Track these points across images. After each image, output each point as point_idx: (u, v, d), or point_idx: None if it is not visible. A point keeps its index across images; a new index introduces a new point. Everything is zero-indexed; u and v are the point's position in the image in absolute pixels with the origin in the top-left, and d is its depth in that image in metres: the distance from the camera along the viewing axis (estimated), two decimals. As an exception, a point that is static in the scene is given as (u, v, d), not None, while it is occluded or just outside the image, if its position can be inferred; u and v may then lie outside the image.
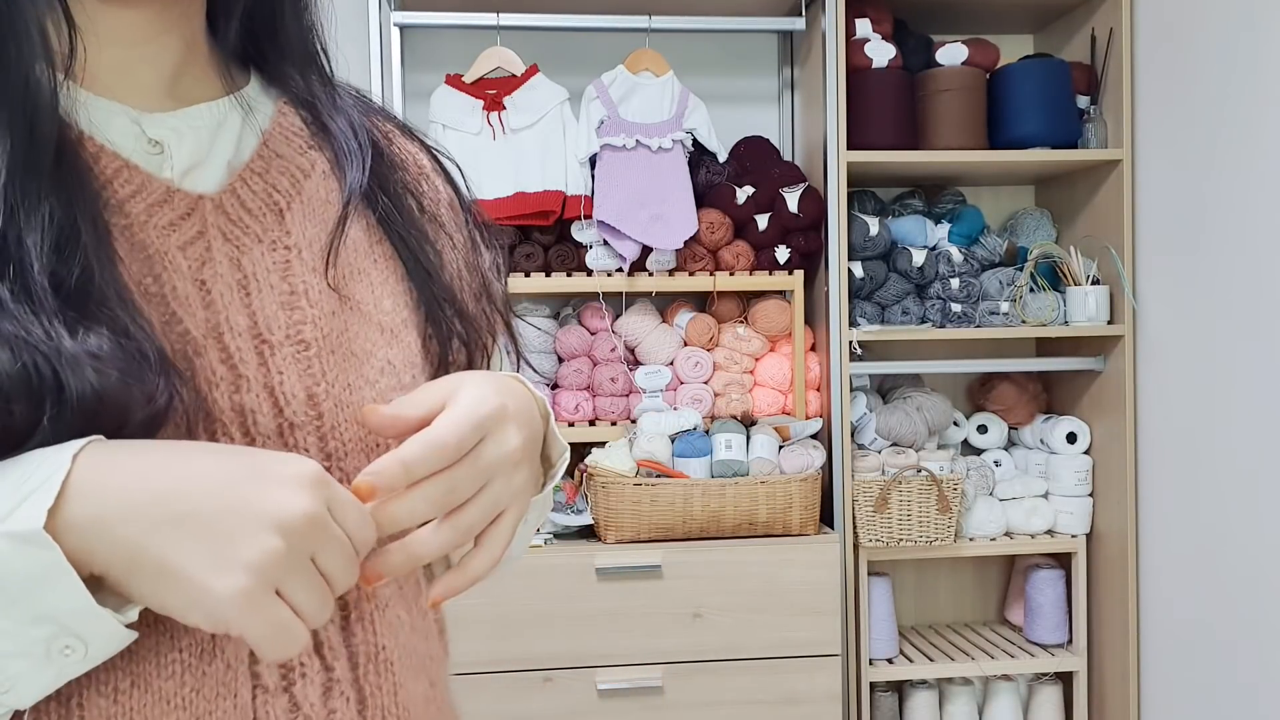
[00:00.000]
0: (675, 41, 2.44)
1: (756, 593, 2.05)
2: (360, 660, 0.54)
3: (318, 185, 0.60)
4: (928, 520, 2.23)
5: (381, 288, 0.60)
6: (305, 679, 0.52)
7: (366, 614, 0.55)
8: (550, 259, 2.23)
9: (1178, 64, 2.12)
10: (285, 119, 0.62)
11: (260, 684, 0.51)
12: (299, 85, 0.62)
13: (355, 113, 0.64)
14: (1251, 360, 1.93)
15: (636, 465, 2.09)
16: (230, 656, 0.51)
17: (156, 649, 0.49)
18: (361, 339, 0.57)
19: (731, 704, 2.04)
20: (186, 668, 0.50)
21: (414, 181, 0.67)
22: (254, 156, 0.59)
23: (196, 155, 0.56)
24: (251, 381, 0.53)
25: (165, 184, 0.54)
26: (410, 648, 0.58)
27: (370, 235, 0.62)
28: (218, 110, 0.59)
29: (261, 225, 0.57)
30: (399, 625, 0.57)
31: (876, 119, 2.23)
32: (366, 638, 0.55)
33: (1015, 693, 2.37)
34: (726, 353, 2.27)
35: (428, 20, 2.23)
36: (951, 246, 2.34)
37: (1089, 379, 2.39)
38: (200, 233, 0.54)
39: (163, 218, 0.54)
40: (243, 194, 0.57)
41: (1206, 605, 2.06)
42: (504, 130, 2.19)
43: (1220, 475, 2.02)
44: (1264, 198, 1.90)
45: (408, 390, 0.59)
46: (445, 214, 0.68)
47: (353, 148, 0.61)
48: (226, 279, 0.54)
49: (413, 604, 0.60)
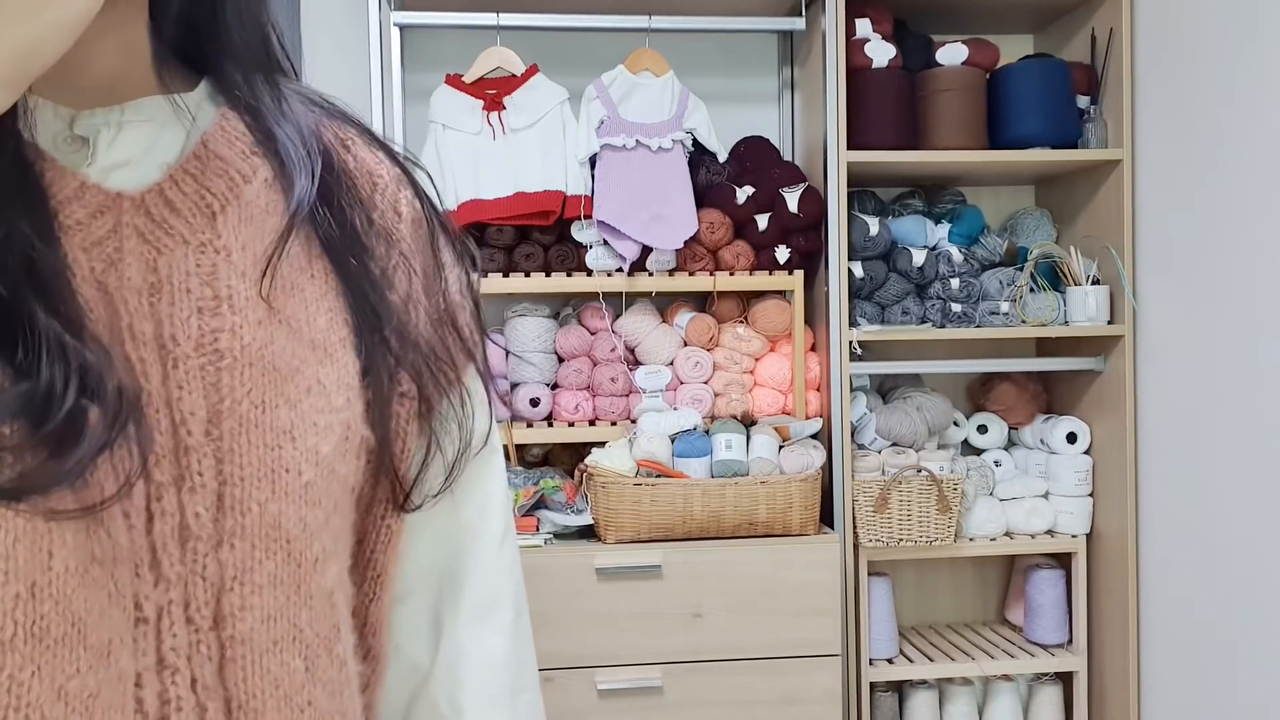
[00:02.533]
0: (675, 41, 2.44)
1: (756, 593, 2.05)
2: (233, 707, 0.51)
3: (258, 192, 0.56)
4: (928, 520, 2.23)
5: (316, 304, 0.56)
6: (181, 713, 0.50)
7: (238, 658, 0.51)
8: (550, 259, 2.23)
9: (1178, 64, 2.12)
10: (229, 123, 0.57)
11: (141, 709, 0.49)
12: (242, 87, 0.57)
13: (305, 119, 0.60)
14: (1251, 360, 1.93)
15: (636, 465, 2.09)
16: (123, 667, 0.48)
17: (66, 642, 0.46)
18: (288, 354, 0.53)
19: (731, 704, 2.04)
20: (89, 669, 0.47)
21: (365, 195, 0.61)
22: (189, 157, 0.55)
23: (128, 154, 0.53)
24: (153, 396, 0.49)
25: (80, 179, 0.51)
26: (301, 702, 0.54)
27: (309, 249, 0.57)
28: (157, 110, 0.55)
29: (189, 227, 0.53)
30: (284, 675, 0.53)
31: (876, 119, 2.23)
32: (238, 683, 0.51)
33: (1015, 693, 2.37)
34: (726, 353, 2.28)
35: (428, 20, 2.23)
36: (951, 246, 2.34)
37: (1089, 379, 2.39)
38: (111, 231, 0.51)
39: (72, 215, 0.50)
40: (171, 194, 0.53)
41: (1207, 605, 2.06)
42: (504, 130, 2.19)
43: (1220, 475, 2.02)
44: (1264, 198, 1.90)
45: (338, 412, 0.54)
46: (405, 230, 0.62)
47: (300, 155, 0.57)
48: (134, 283, 0.50)
49: (320, 652, 0.55)
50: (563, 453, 2.36)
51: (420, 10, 2.24)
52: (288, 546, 0.53)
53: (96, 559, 0.47)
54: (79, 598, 0.46)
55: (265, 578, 0.52)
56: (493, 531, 0.67)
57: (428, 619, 0.65)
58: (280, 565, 0.52)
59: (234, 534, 0.51)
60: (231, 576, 0.51)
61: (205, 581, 0.50)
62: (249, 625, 0.51)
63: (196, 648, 0.50)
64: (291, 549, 0.53)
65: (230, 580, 0.51)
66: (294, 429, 0.52)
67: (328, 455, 0.54)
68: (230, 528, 0.51)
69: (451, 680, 0.65)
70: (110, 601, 0.48)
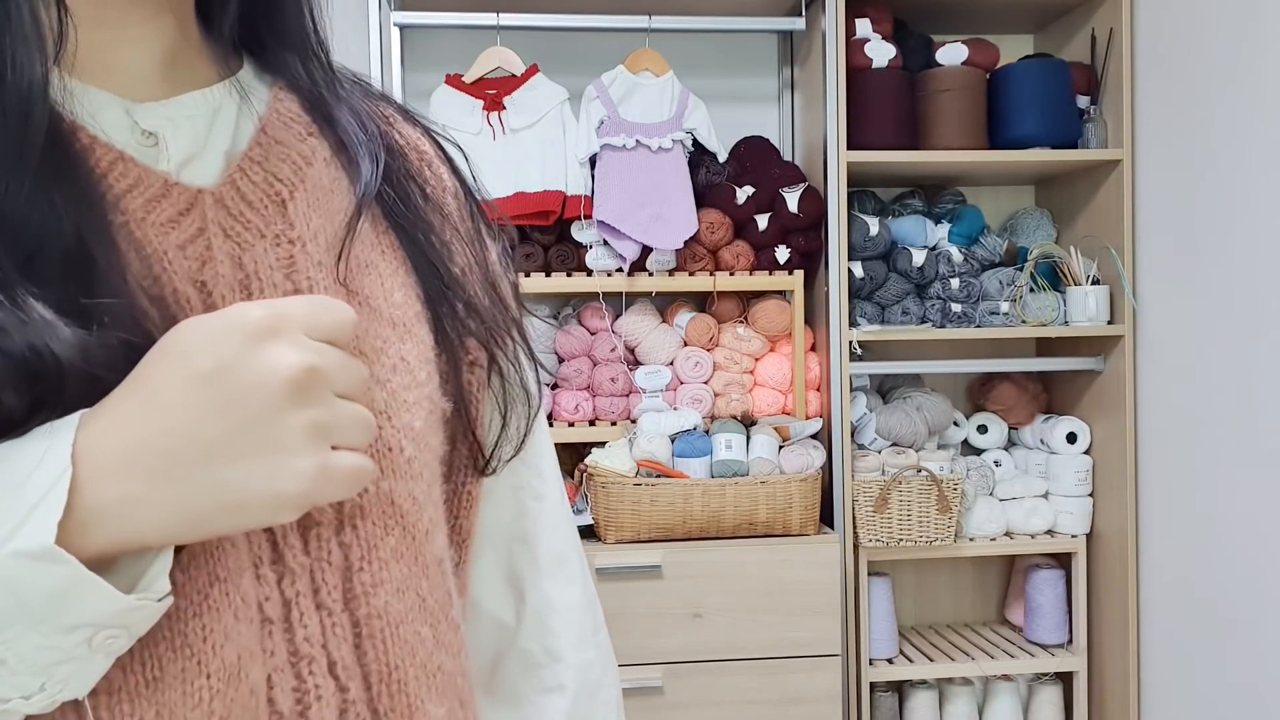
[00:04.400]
0: (675, 41, 2.44)
1: (756, 593, 2.05)
2: (374, 681, 0.52)
3: (320, 173, 0.56)
4: (928, 520, 2.23)
5: (390, 280, 0.57)
6: (321, 701, 0.50)
7: (378, 631, 0.52)
8: (550, 259, 2.23)
9: (1178, 64, 2.12)
10: (282, 105, 0.58)
11: (276, 710, 0.49)
12: (299, 71, 0.59)
13: (360, 100, 0.61)
14: (1252, 360, 1.93)
15: (636, 465, 2.09)
16: (254, 681, 0.48)
17: (184, 676, 0.46)
18: (371, 335, 0.54)
19: (731, 704, 2.04)
20: (215, 694, 0.47)
21: (416, 169, 0.63)
22: (252, 144, 0.55)
23: (193, 146, 0.53)
24: None
25: (163, 177, 0.51)
26: (433, 667, 0.55)
27: (376, 226, 0.58)
28: (212, 98, 0.55)
29: (264, 219, 0.53)
30: (417, 643, 0.54)
31: (876, 119, 2.23)
32: (378, 656, 0.52)
33: (1015, 693, 2.37)
34: (726, 353, 2.27)
35: (428, 20, 2.23)
36: (951, 246, 2.34)
37: (1089, 379, 2.39)
38: (200, 230, 0.51)
39: (161, 214, 0.50)
40: (243, 186, 0.53)
41: (1206, 605, 2.06)
42: (504, 130, 2.19)
43: (1220, 475, 2.02)
44: (1264, 197, 1.90)
45: (422, 387, 0.56)
46: (450, 203, 0.64)
47: (361, 139, 0.58)
48: (228, 280, 0.51)
49: (439, 619, 0.56)
50: (563, 453, 2.35)
51: (420, 10, 2.24)
52: (403, 521, 0.54)
53: (218, 578, 0.48)
54: (194, 628, 0.47)
55: (389, 553, 0.53)
56: (553, 488, 0.70)
57: (502, 576, 0.68)
58: (399, 540, 0.54)
59: (354, 516, 0.52)
60: (359, 556, 0.52)
61: (331, 566, 0.51)
62: (383, 600, 0.53)
63: (331, 631, 0.51)
64: (406, 523, 0.54)
65: (358, 560, 0.52)
66: (389, 408, 0.54)
67: (421, 430, 0.56)
68: (349, 510, 0.52)
69: (542, 630, 0.68)
70: (237, 618, 0.48)
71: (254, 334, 0.42)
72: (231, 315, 0.43)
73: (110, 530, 0.41)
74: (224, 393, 0.42)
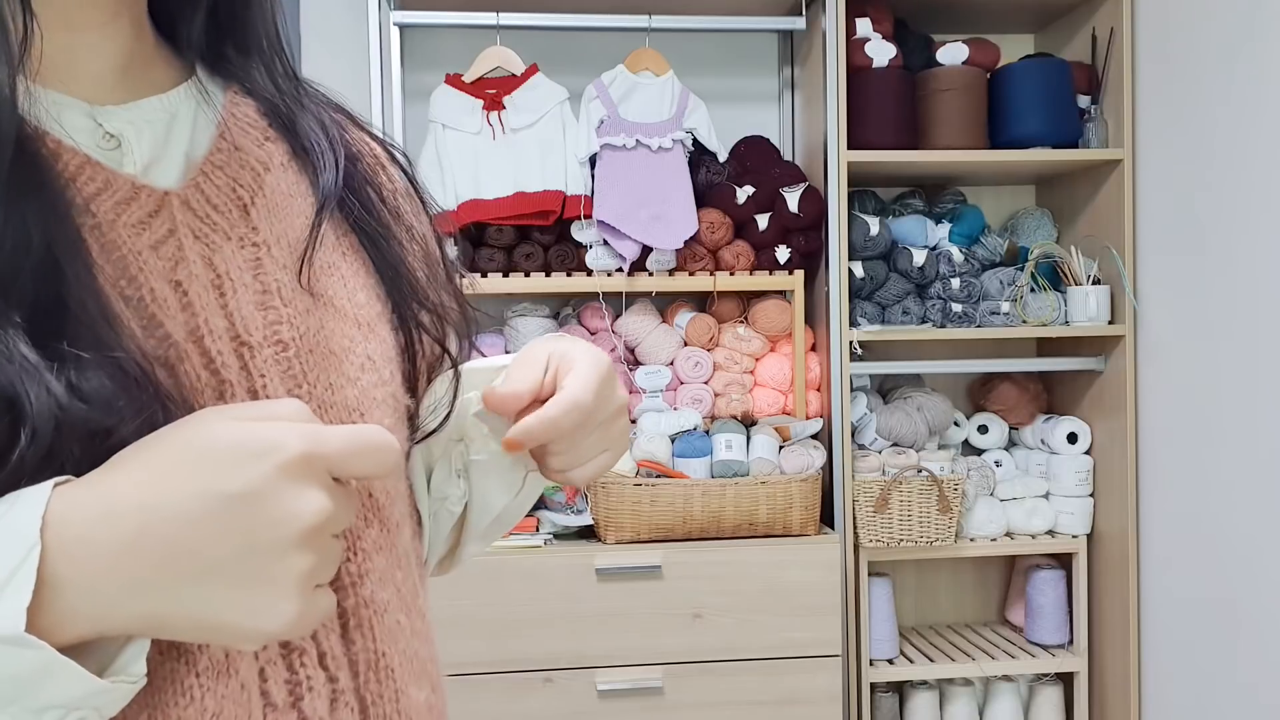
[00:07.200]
0: (675, 41, 2.43)
1: (756, 593, 2.05)
2: (361, 669, 0.53)
3: (278, 178, 0.57)
4: (928, 520, 2.23)
5: (353, 281, 0.58)
6: (312, 692, 0.50)
7: (365, 620, 0.53)
8: (550, 259, 2.22)
9: (1178, 64, 2.11)
10: (238, 109, 0.58)
11: (270, 702, 0.49)
12: (259, 77, 0.59)
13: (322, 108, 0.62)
14: (1252, 360, 1.93)
15: (636, 465, 2.09)
16: (244, 676, 0.48)
17: (173, 675, 0.47)
18: (338, 335, 0.55)
19: (731, 704, 2.04)
20: (206, 690, 0.47)
21: (372, 172, 0.64)
22: (212, 149, 0.55)
23: (155, 149, 0.53)
24: (235, 386, 0.50)
25: (130, 180, 0.51)
26: (411, 653, 0.56)
27: (336, 229, 0.59)
28: (169, 102, 0.55)
29: (228, 221, 0.54)
30: (398, 631, 0.55)
31: (877, 119, 2.23)
32: (366, 645, 0.53)
33: (1016, 693, 2.37)
34: (726, 353, 2.27)
35: (428, 20, 2.23)
36: (952, 246, 2.34)
37: (1089, 379, 2.38)
38: (170, 231, 0.51)
39: (131, 216, 0.50)
40: (206, 189, 0.54)
41: (1207, 606, 2.06)
42: (504, 130, 2.19)
43: (1221, 475, 2.02)
44: (1264, 197, 1.89)
45: (388, 385, 0.57)
46: (403, 204, 0.66)
47: (324, 144, 0.59)
48: (202, 280, 0.51)
49: (411, 608, 0.57)
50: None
51: (420, 10, 2.24)
52: (380, 514, 0.55)
53: None
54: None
55: (371, 544, 0.54)
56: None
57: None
58: (379, 532, 0.55)
59: None
60: (345, 548, 0.53)
61: None
62: (369, 589, 0.54)
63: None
64: (383, 515, 0.56)
65: (345, 552, 0.53)
66: (361, 405, 0.55)
67: (391, 426, 0.57)
68: None
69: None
70: None
71: (288, 469, 0.42)
72: (271, 439, 0.42)
73: (80, 623, 0.40)
74: (241, 521, 0.41)
